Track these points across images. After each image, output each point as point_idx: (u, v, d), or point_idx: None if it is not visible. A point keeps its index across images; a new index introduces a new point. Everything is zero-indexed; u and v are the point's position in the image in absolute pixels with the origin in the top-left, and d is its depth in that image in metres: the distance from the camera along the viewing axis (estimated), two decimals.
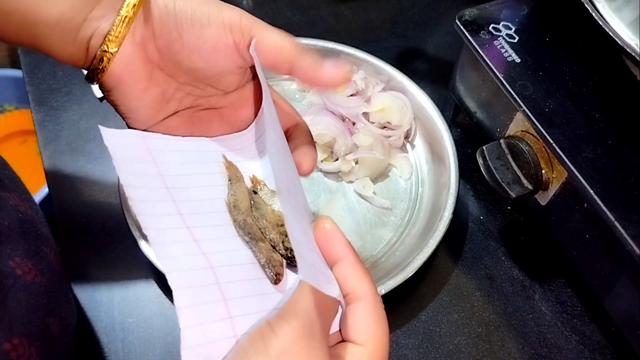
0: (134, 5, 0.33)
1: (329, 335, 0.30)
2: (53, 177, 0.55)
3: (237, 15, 0.35)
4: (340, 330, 0.32)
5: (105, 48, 0.34)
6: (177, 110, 0.38)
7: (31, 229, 0.40)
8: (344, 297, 0.31)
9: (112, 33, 0.33)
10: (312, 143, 0.38)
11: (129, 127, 0.37)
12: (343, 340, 0.31)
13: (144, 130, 0.37)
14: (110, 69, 0.34)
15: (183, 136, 0.38)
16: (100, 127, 0.34)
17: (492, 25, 0.49)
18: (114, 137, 0.34)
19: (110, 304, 0.48)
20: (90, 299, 0.48)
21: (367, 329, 0.31)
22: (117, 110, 0.37)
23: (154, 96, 0.36)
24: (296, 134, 0.38)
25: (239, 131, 0.39)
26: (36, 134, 0.58)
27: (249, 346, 0.28)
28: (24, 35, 0.34)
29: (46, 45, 0.34)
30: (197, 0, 0.34)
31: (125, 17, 0.33)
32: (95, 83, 0.35)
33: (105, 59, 0.34)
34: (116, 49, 0.34)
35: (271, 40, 0.35)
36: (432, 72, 0.64)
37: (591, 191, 0.40)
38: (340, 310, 0.32)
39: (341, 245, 0.31)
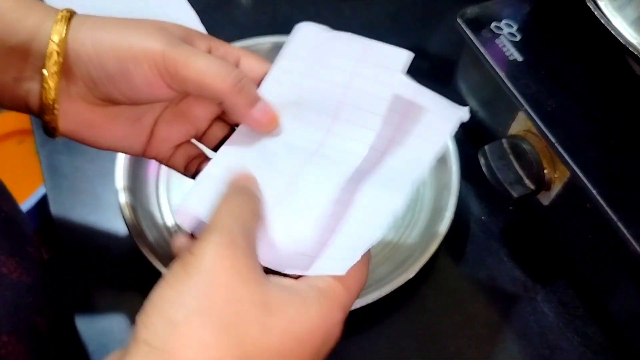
0: (55, 63, 0.32)
1: (255, 248, 0.29)
2: (50, 177, 0.55)
3: (159, 51, 0.32)
4: None
5: (46, 119, 0.34)
6: (157, 119, 0.37)
7: (15, 228, 0.40)
8: None
9: (45, 101, 0.33)
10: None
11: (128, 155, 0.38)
12: None
13: (144, 154, 0.38)
14: (62, 128, 0.35)
15: (185, 135, 0.38)
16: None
17: (494, 24, 0.49)
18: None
19: (107, 306, 0.48)
20: (88, 300, 0.48)
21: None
22: (103, 149, 0.37)
23: (121, 127, 0.36)
24: None
25: None
26: (33, 133, 0.58)
27: (171, 277, 0.26)
28: None
29: None
30: (116, 40, 0.33)
31: (50, 74, 0.32)
32: (55, 137, 0.36)
33: (49, 127, 0.35)
34: (54, 118, 0.34)
35: (196, 67, 0.33)
36: (434, 70, 0.64)
37: (594, 191, 0.40)
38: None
39: None
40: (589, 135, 0.42)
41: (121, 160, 0.50)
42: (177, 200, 0.51)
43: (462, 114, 0.33)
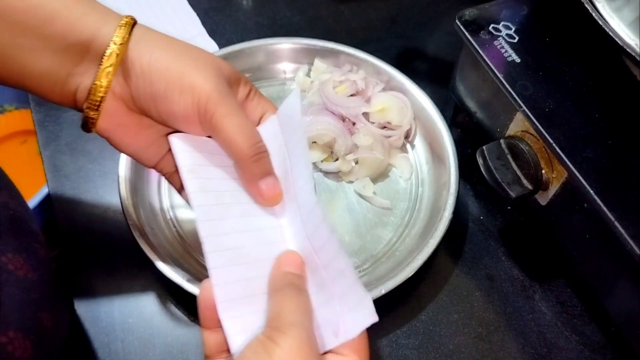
0: (112, 65, 0.34)
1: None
2: (53, 177, 0.55)
3: (206, 93, 0.35)
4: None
5: (90, 114, 0.35)
6: None
7: (21, 225, 0.40)
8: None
9: (94, 97, 0.35)
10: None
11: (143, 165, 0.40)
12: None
13: (155, 167, 0.40)
14: (99, 124, 0.36)
15: None
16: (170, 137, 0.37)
17: (492, 25, 0.49)
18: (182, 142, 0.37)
19: (110, 304, 0.48)
20: (90, 299, 0.48)
21: (352, 341, 0.33)
22: (124, 153, 0.39)
23: (148, 137, 0.38)
24: None
25: None
26: (36, 134, 0.58)
27: (252, 355, 0.30)
28: (13, 82, 0.35)
29: (36, 93, 0.36)
30: (171, 64, 0.34)
31: (105, 73, 0.34)
32: (90, 132, 0.37)
33: (89, 122, 0.36)
34: (97, 114, 0.35)
35: (229, 126, 0.35)
36: (432, 72, 0.64)
37: (591, 191, 0.40)
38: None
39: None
40: (587, 135, 0.43)
41: (123, 161, 0.51)
42: (179, 200, 0.52)
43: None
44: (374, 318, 0.32)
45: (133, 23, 0.35)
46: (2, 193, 0.41)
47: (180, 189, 0.41)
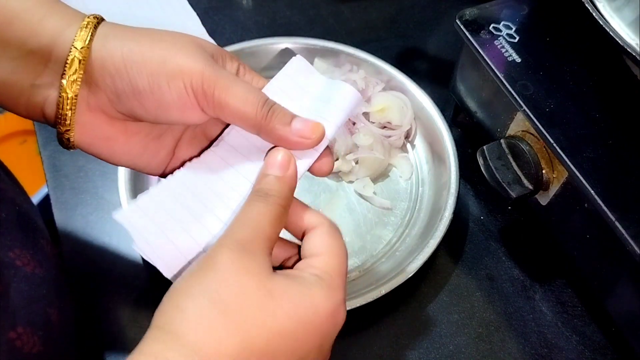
0: (75, 72, 0.30)
1: (269, 250, 0.30)
2: (52, 177, 0.55)
3: (198, 72, 0.31)
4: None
5: (61, 130, 0.32)
6: (177, 139, 0.36)
7: (28, 221, 0.40)
8: (302, 235, 0.34)
9: (62, 111, 0.31)
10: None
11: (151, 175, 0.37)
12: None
13: (163, 175, 0.36)
14: (77, 140, 0.33)
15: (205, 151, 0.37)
16: (115, 214, 0.33)
17: (492, 25, 0.49)
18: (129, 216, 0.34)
19: (109, 303, 0.48)
20: (89, 298, 0.48)
21: (322, 242, 0.32)
22: (119, 165, 0.36)
23: (139, 143, 0.34)
24: None
25: None
26: (36, 134, 0.58)
27: (187, 273, 0.29)
28: None
29: (4, 105, 0.33)
30: (149, 53, 0.31)
31: (69, 83, 0.31)
32: (70, 149, 0.34)
33: (64, 139, 0.33)
34: (70, 129, 0.32)
35: (236, 95, 0.31)
36: (433, 72, 0.64)
37: (592, 191, 0.40)
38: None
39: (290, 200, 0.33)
40: (587, 135, 0.43)
41: None
42: None
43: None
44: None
45: (97, 22, 0.31)
46: (9, 190, 0.41)
47: None
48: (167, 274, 0.33)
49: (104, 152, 0.34)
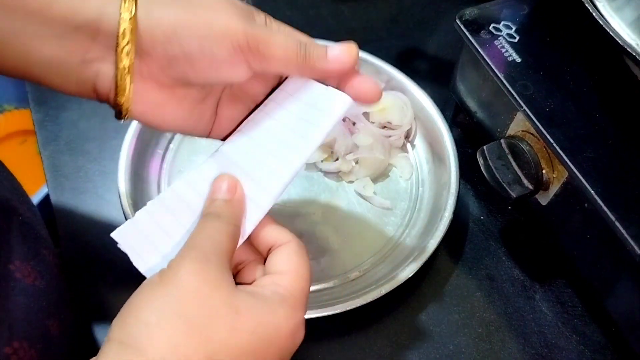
0: (129, 42, 0.31)
1: (229, 264, 0.31)
2: (52, 177, 0.55)
3: (242, 32, 0.32)
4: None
5: (120, 101, 0.33)
6: (218, 100, 0.37)
7: (30, 231, 0.40)
8: (266, 251, 0.34)
9: (120, 82, 0.32)
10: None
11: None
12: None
13: (209, 136, 0.38)
14: (130, 109, 0.34)
15: (247, 111, 0.38)
16: (113, 235, 0.35)
17: (492, 25, 0.49)
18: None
19: (109, 304, 0.48)
20: (90, 299, 0.48)
21: (289, 261, 0.33)
22: (168, 131, 0.38)
23: (188, 107, 0.36)
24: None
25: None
26: (36, 133, 0.58)
27: (148, 285, 0.29)
28: (20, 73, 0.32)
29: (50, 84, 0.33)
30: (194, 18, 0.32)
31: (124, 54, 0.32)
32: (124, 120, 0.35)
33: (123, 109, 0.34)
34: (128, 100, 0.33)
35: (278, 45, 0.33)
36: (433, 72, 0.64)
37: (592, 191, 0.40)
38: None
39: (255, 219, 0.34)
40: (587, 135, 0.43)
41: (123, 160, 0.51)
42: None
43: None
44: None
45: None
46: (13, 199, 0.41)
47: None
48: None
49: (156, 119, 0.35)
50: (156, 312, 0.27)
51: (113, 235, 0.35)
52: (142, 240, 0.34)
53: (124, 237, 0.35)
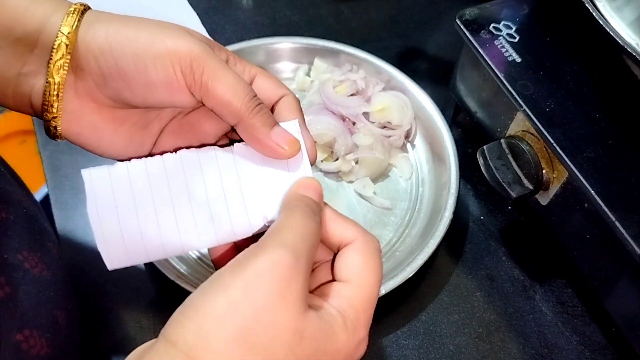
0: (62, 56, 0.30)
1: (311, 268, 0.29)
2: (52, 177, 0.55)
3: (186, 51, 0.30)
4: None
5: (48, 117, 0.31)
6: (162, 128, 0.35)
7: (35, 224, 0.40)
8: (336, 250, 0.32)
9: (49, 97, 0.31)
10: (301, 117, 0.35)
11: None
12: (332, 280, 0.31)
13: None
14: (64, 129, 0.32)
15: (184, 148, 0.35)
16: (83, 171, 0.32)
17: (492, 25, 0.49)
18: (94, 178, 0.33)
19: (109, 303, 0.48)
20: (91, 296, 0.48)
21: (354, 266, 0.30)
22: (105, 157, 0.34)
23: (128, 132, 0.34)
24: (282, 108, 0.35)
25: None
26: (35, 133, 0.58)
27: (218, 278, 0.27)
28: None
29: None
30: (134, 34, 0.30)
31: (56, 68, 0.30)
32: (56, 139, 0.33)
33: (51, 127, 0.32)
34: (57, 117, 0.31)
35: (223, 82, 0.31)
36: (433, 71, 0.64)
37: (592, 191, 0.40)
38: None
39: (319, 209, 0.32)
40: (587, 135, 0.43)
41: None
42: None
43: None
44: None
45: (83, 9, 0.31)
46: (16, 192, 0.41)
47: None
48: (108, 263, 0.32)
49: (92, 142, 0.33)
50: (219, 324, 0.25)
51: (83, 172, 0.32)
52: (107, 192, 0.32)
53: (92, 179, 0.32)
